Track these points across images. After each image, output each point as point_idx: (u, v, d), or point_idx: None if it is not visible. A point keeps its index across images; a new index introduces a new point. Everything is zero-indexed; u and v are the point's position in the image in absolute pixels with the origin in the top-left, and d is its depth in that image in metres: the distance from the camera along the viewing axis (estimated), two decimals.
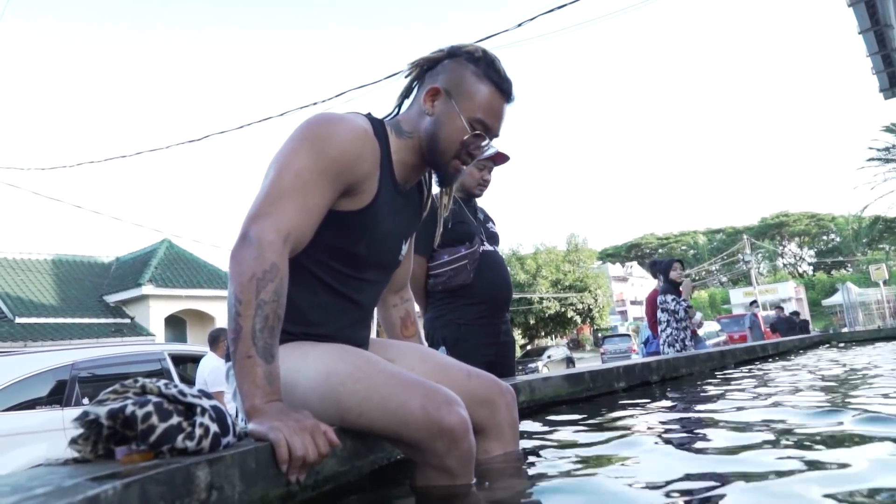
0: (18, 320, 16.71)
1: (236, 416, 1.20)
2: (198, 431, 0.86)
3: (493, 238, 2.87)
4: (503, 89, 1.35)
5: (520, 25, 6.70)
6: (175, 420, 0.85)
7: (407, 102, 1.42)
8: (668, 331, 5.10)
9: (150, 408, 0.84)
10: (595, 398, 2.60)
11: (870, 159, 21.40)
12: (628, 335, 25.84)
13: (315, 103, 8.73)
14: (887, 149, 20.96)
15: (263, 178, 1.21)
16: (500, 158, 2.78)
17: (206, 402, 0.90)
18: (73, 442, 0.89)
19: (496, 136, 1.38)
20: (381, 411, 1.12)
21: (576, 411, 2.23)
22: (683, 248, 67.61)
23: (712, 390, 2.82)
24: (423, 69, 1.39)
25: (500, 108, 1.35)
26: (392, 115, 1.42)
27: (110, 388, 0.92)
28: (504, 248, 34.96)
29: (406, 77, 1.41)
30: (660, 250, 70.05)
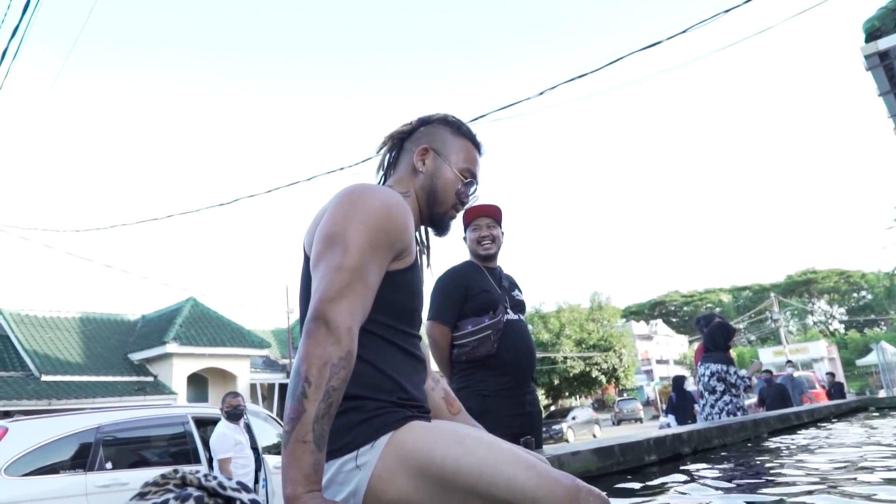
0: (44, 378, 16.88)
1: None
2: None
3: (519, 306, 2.86)
4: (477, 142, 1.55)
5: (542, 94, 6.89)
6: None
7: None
8: (727, 398, 4.91)
9: (191, 502, 0.86)
10: (626, 472, 2.54)
11: None
12: (635, 398, 35.47)
13: (342, 168, 8.94)
14: None
15: (321, 251, 1.23)
16: (486, 209, 2.78)
17: (245, 496, 0.91)
18: None
19: (479, 182, 1.54)
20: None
21: (606, 487, 2.17)
22: (709, 305, 66.49)
23: (746, 463, 2.74)
24: (401, 140, 1.54)
25: (477, 158, 1.54)
26: (382, 184, 1.54)
27: (151, 480, 0.93)
28: (527, 306, 34.54)
29: (384, 150, 1.55)
30: (685, 308, 69.02)
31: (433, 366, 1.77)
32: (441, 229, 1.53)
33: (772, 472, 2.43)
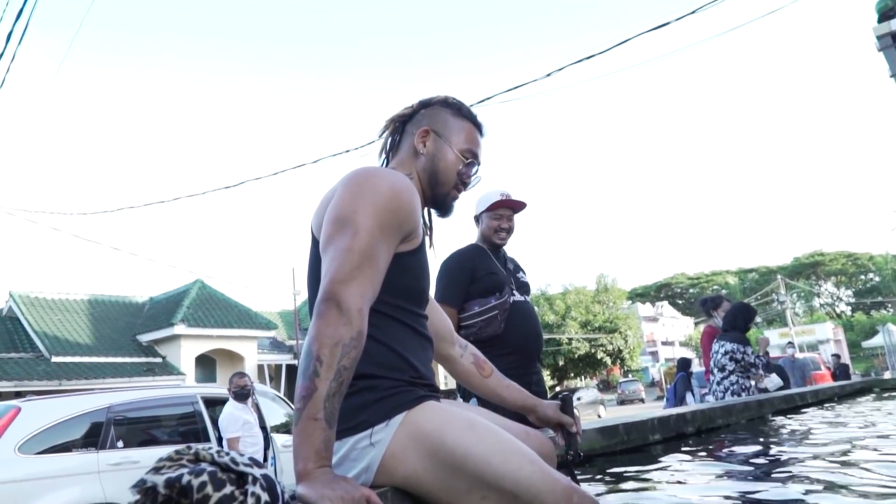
0: (55, 359, 17.09)
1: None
2: (250, 500, 0.89)
3: (524, 288, 2.89)
4: (478, 123, 1.56)
5: (549, 75, 6.85)
6: (228, 489, 0.89)
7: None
8: (734, 378, 4.91)
9: (205, 477, 0.88)
10: (629, 451, 2.57)
11: None
12: (637, 380, 36.81)
13: (348, 151, 8.94)
14: None
15: (330, 234, 1.25)
16: (517, 206, 2.83)
17: (257, 471, 0.93)
18: None
19: (480, 163, 1.56)
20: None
21: (611, 465, 2.20)
22: (715, 287, 66.41)
23: (750, 442, 2.76)
24: (403, 123, 1.55)
25: (479, 139, 1.55)
26: (385, 167, 1.55)
27: (165, 455, 0.95)
28: (533, 289, 34.69)
29: (386, 133, 1.57)
30: (690, 290, 68.95)
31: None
32: (444, 210, 1.54)
33: (774, 451, 2.45)
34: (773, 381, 5.36)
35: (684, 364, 10.64)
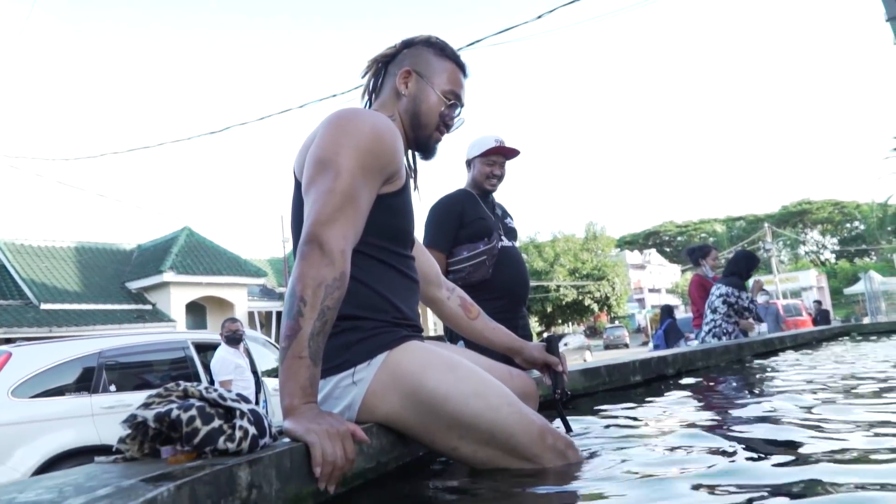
0: (44, 306, 17.09)
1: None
2: (238, 434, 0.92)
3: (511, 233, 2.91)
4: (461, 63, 1.54)
5: (539, 17, 6.69)
6: (217, 423, 0.91)
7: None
8: (719, 320, 5.01)
9: (193, 412, 0.91)
10: (612, 391, 2.64)
11: (895, 149, 20.98)
12: (622, 326, 37.61)
13: (334, 95, 8.78)
14: None
15: (312, 176, 1.25)
16: (510, 153, 2.82)
17: (244, 406, 0.96)
18: (122, 441, 0.96)
19: (463, 105, 1.54)
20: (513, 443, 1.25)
21: (594, 404, 2.27)
22: (703, 235, 66.91)
23: (729, 383, 2.85)
24: (385, 63, 1.53)
25: (462, 80, 1.53)
26: (367, 108, 1.53)
27: (154, 392, 0.98)
28: (522, 236, 35.16)
29: (369, 74, 1.55)
30: (678, 238, 69.44)
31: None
32: (427, 152, 1.54)
33: (751, 391, 2.53)
34: (763, 330, 5.48)
35: (668, 311, 10.83)
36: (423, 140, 1.50)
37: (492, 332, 1.71)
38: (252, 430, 0.94)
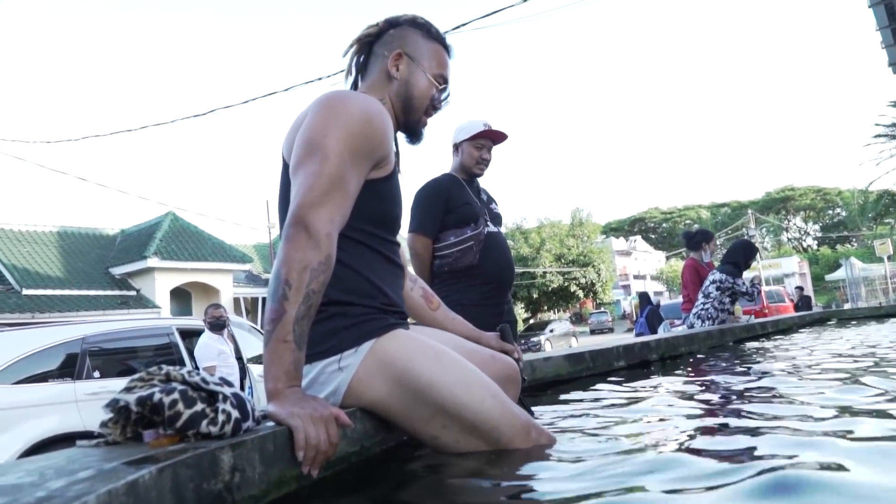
0: (26, 292, 16.89)
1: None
2: (220, 417, 0.92)
3: (497, 219, 2.91)
4: (447, 45, 1.53)
5: (525, 0, 6.65)
6: (199, 407, 0.91)
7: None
8: (708, 305, 5.07)
9: (175, 395, 0.90)
10: (595, 377, 2.67)
11: (877, 135, 21.19)
12: (606, 312, 39.73)
13: (320, 78, 8.69)
14: (894, 124, 20.74)
15: (300, 158, 1.23)
16: (499, 136, 2.82)
17: (227, 390, 0.96)
18: (104, 425, 0.95)
19: (449, 87, 1.54)
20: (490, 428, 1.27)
21: (577, 389, 2.29)
22: (688, 222, 67.40)
23: (711, 368, 2.89)
24: (370, 43, 1.50)
25: (448, 61, 1.53)
26: (353, 90, 1.51)
27: (136, 376, 0.97)
28: (508, 222, 35.21)
29: (353, 54, 1.52)
30: (663, 224, 69.92)
31: (409, 269, 1.82)
32: (415, 136, 1.53)
33: (731, 374, 2.57)
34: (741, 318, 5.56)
35: (646, 298, 10.94)
36: (412, 124, 1.50)
37: (451, 323, 1.72)
38: (235, 413, 0.94)
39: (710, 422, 1.55)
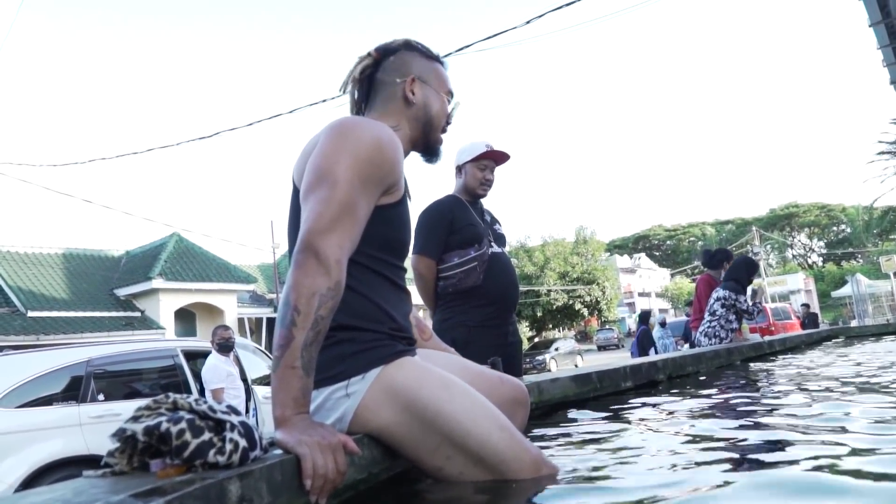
0: (31, 314, 16.91)
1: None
2: (228, 446, 0.91)
3: (500, 239, 2.91)
4: (443, 62, 1.58)
5: (528, 22, 6.73)
6: (207, 436, 0.91)
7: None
8: (714, 322, 5.07)
9: (183, 424, 0.90)
10: (603, 398, 2.65)
11: (880, 153, 21.17)
12: (612, 329, 39.71)
13: (324, 100, 8.76)
14: None
15: (311, 184, 1.24)
16: (501, 157, 2.82)
17: (234, 419, 0.95)
18: (110, 455, 0.95)
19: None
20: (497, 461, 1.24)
21: (584, 411, 2.27)
22: (692, 239, 67.34)
23: (719, 388, 2.86)
24: (371, 73, 1.51)
25: (447, 75, 1.57)
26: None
27: (143, 405, 0.97)
28: (512, 241, 35.22)
29: (353, 88, 1.52)
30: (668, 242, 69.82)
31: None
32: (435, 156, 1.56)
33: (739, 394, 2.54)
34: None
35: (644, 318, 10.90)
36: (434, 144, 1.53)
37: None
38: (242, 442, 0.93)
39: (719, 445, 1.53)
